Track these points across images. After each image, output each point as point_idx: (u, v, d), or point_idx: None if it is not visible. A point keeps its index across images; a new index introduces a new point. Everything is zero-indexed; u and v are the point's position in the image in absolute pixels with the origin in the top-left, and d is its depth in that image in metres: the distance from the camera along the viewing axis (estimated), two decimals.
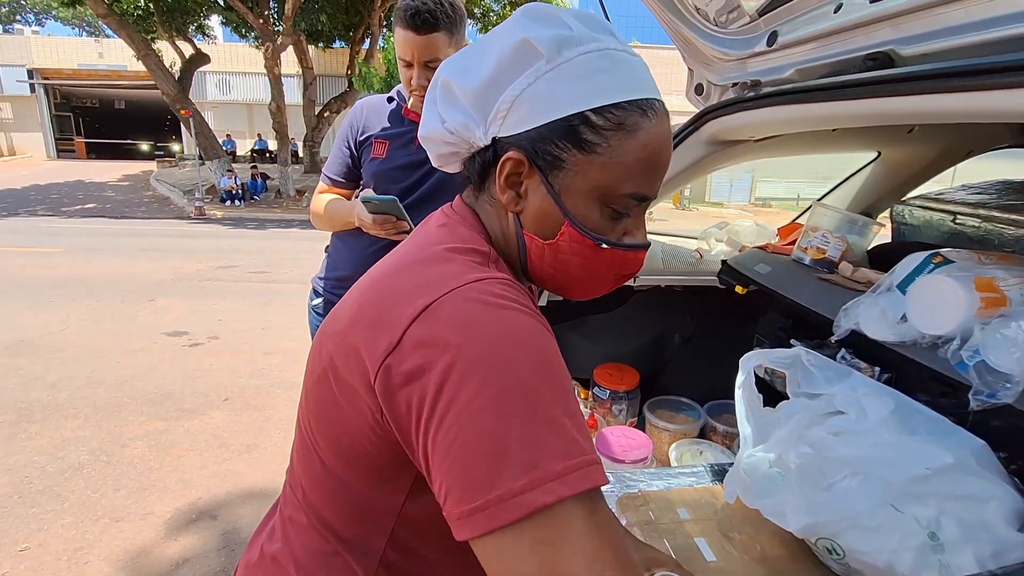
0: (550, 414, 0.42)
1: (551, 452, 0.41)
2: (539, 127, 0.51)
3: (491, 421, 0.41)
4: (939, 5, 0.75)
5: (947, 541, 0.78)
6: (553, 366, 0.45)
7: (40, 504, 2.32)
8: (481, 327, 0.44)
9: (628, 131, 0.51)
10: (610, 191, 0.52)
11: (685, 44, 1.32)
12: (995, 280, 0.86)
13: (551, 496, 0.40)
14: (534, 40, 0.50)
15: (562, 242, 0.54)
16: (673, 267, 1.67)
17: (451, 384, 0.43)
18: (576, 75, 0.50)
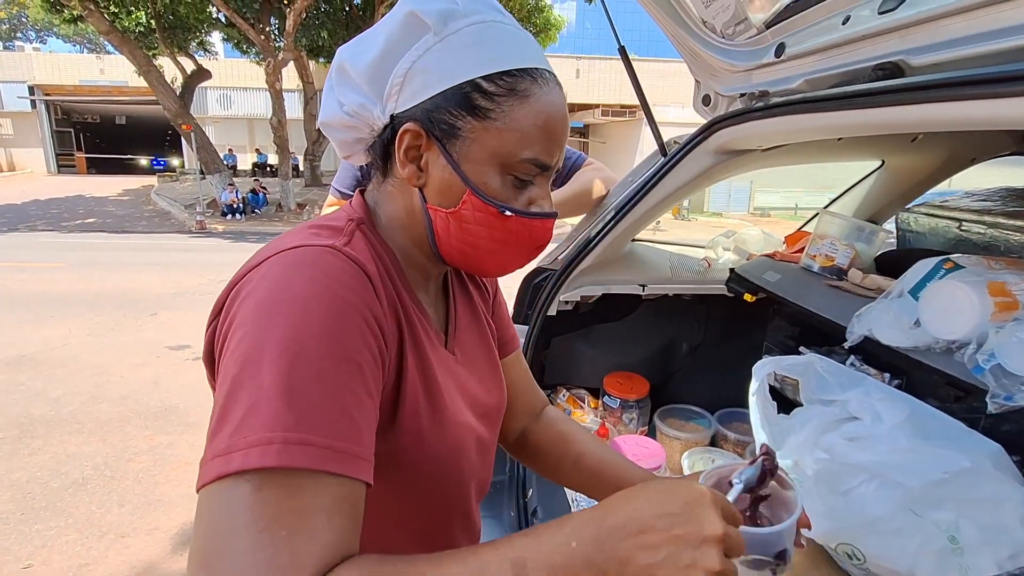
0: (268, 384, 0.40)
1: (251, 424, 0.40)
2: (433, 97, 0.51)
3: (229, 384, 0.42)
4: (947, 16, 0.77)
5: (966, 544, 0.78)
6: (304, 338, 0.42)
7: (44, 520, 2.31)
8: (262, 291, 0.45)
9: (521, 96, 0.51)
10: (509, 157, 0.52)
11: (692, 56, 1.34)
12: (1007, 284, 0.87)
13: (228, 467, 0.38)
14: (420, 13, 0.50)
15: (465, 211, 0.53)
16: (681, 276, 1.68)
17: (227, 344, 0.45)
18: (465, 45, 0.51)
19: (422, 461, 0.55)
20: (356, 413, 0.44)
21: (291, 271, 0.46)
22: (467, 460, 0.61)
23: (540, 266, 1.58)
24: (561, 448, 0.78)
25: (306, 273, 0.46)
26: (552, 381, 1.81)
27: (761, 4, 1.13)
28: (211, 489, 0.39)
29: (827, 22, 0.99)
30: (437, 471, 0.57)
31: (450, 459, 0.58)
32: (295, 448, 0.40)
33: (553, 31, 15.54)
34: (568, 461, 0.77)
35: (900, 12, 0.83)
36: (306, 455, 0.40)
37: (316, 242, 0.49)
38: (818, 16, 1.00)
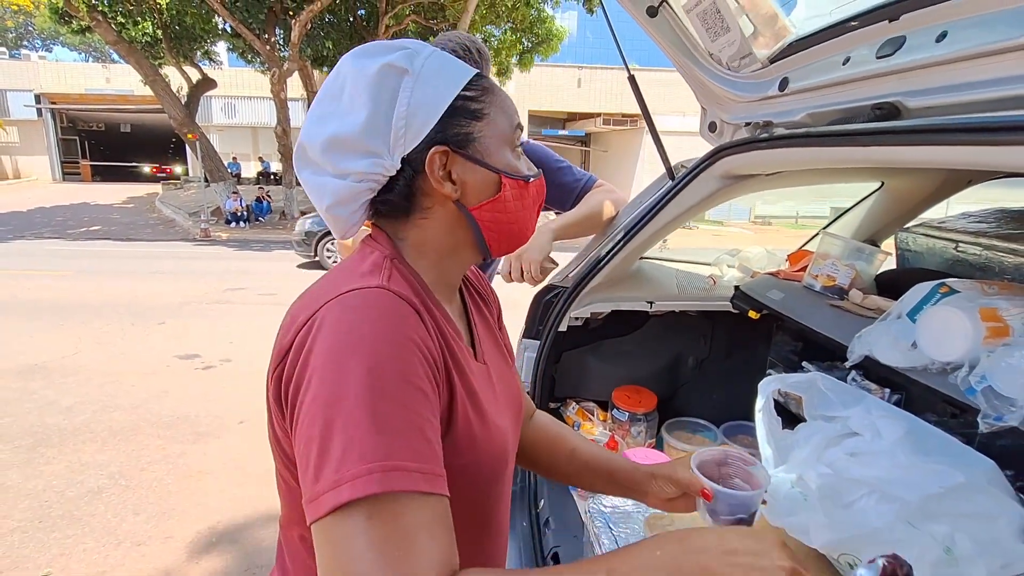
0: (361, 419, 0.46)
1: (353, 457, 0.45)
2: (437, 123, 0.58)
3: (321, 426, 0.47)
4: (939, 65, 0.83)
5: (961, 556, 0.83)
6: (381, 374, 0.48)
7: (61, 528, 2.35)
8: (329, 336, 0.50)
9: (487, 90, 0.62)
10: (507, 135, 0.63)
11: (699, 85, 1.41)
12: (998, 310, 0.93)
13: (342, 497, 0.44)
14: (392, 62, 0.57)
15: (506, 192, 0.62)
16: (687, 293, 1.73)
17: (303, 389, 0.49)
18: (436, 73, 0.59)
19: (475, 468, 0.61)
20: (431, 436, 0.50)
21: (354, 314, 0.51)
22: (509, 462, 0.68)
23: (551, 283, 1.63)
24: (556, 445, 0.87)
25: (368, 315, 0.51)
26: (562, 394, 1.86)
27: (766, 41, 1.20)
28: (327, 521, 0.45)
29: (828, 61, 1.06)
30: (488, 475, 0.64)
31: (497, 463, 0.65)
32: (392, 475, 0.45)
33: (555, 41, 15.67)
34: (563, 456, 0.86)
35: (896, 58, 0.89)
36: (402, 480, 0.45)
37: (366, 284, 0.54)
38: (820, 55, 1.07)
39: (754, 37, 1.22)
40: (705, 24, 1.27)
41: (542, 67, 18.25)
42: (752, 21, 1.21)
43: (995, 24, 0.76)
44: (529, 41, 15.55)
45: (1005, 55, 0.75)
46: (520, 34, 15.33)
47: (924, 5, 0.84)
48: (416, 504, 0.46)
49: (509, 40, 15.41)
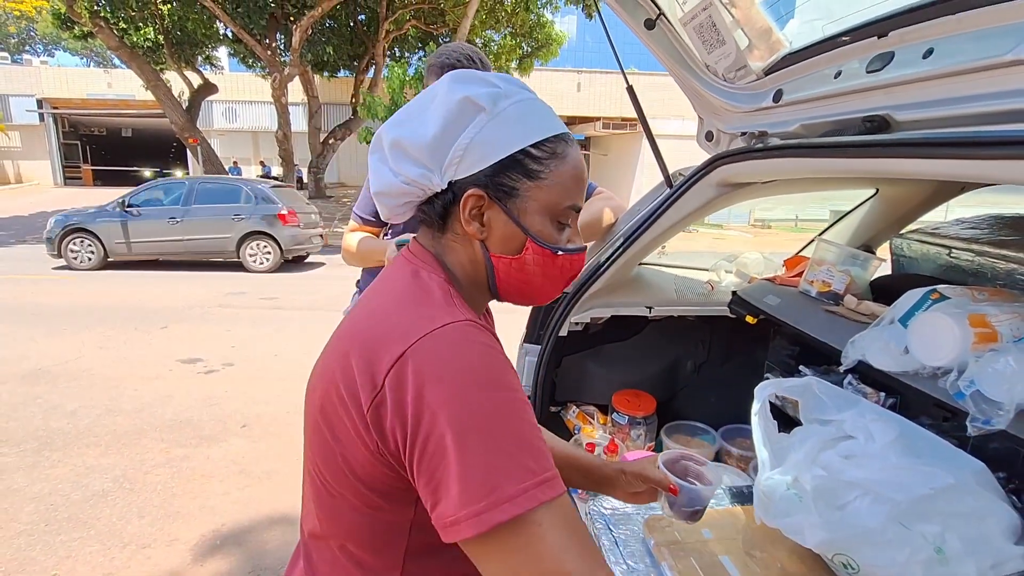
0: (503, 446, 0.51)
1: (505, 479, 0.50)
2: (492, 165, 0.61)
3: (456, 455, 0.51)
4: (925, 80, 0.86)
5: (951, 555, 0.86)
6: (506, 402, 0.53)
7: (67, 531, 2.38)
8: (443, 373, 0.53)
9: (560, 157, 0.63)
10: (556, 206, 0.64)
11: (696, 96, 1.44)
12: (987, 316, 0.96)
13: (505, 515, 0.49)
14: (474, 97, 0.60)
15: (527, 256, 0.64)
16: (686, 298, 1.76)
17: (424, 424, 0.52)
18: (512, 121, 0.61)
19: None
20: (545, 444, 0.55)
21: (459, 348, 0.55)
22: None
23: None
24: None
25: (472, 348, 0.55)
26: (563, 398, 1.89)
27: (760, 54, 1.23)
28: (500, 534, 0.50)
29: (820, 74, 1.09)
30: None
31: None
32: (552, 481, 0.52)
33: (555, 46, 15.76)
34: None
35: (885, 72, 0.92)
36: (553, 486, 0.52)
37: (453, 318, 0.57)
38: (812, 69, 1.10)
39: (749, 50, 1.25)
40: (701, 37, 1.30)
41: (542, 71, 18.34)
42: (747, 34, 1.25)
43: (978, 42, 0.79)
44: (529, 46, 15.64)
45: (988, 72, 0.78)
46: (520, 39, 15.41)
47: (911, 23, 0.88)
48: (563, 504, 0.53)
49: (509, 45, 15.50)
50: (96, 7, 11.79)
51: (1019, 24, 0.74)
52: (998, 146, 0.72)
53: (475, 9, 12.46)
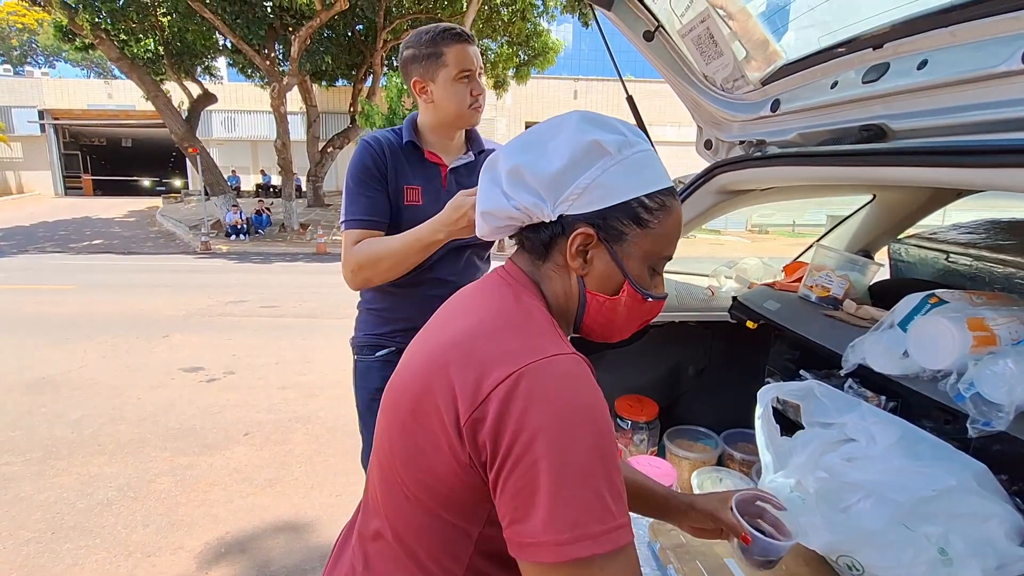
0: (595, 485, 0.53)
1: (591, 517, 0.52)
2: (606, 208, 0.64)
3: (549, 482, 0.53)
4: (920, 91, 0.88)
5: (955, 556, 0.87)
6: (605, 443, 0.55)
7: (73, 539, 2.38)
8: (552, 401, 0.55)
9: (667, 210, 0.66)
10: (656, 256, 0.67)
11: (695, 106, 1.46)
12: (985, 320, 0.98)
13: (585, 551, 0.52)
14: (603, 142, 0.63)
15: (622, 297, 0.67)
16: (687, 303, 1.78)
17: (521, 443, 0.54)
18: (632, 169, 0.64)
19: None
20: (625, 488, 0.57)
21: (569, 381, 0.57)
22: None
23: None
24: None
25: (580, 383, 0.57)
26: None
27: (758, 64, 1.26)
28: (571, 566, 0.52)
29: (817, 84, 1.11)
30: None
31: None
32: (623, 530, 0.54)
33: (551, 54, 15.86)
34: None
35: (881, 83, 0.94)
36: (627, 533, 0.54)
37: (561, 350, 0.59)
38: (809, 79, 1.12)
39: (747, 61, 1.28)
40: (699, 48, 1.33)
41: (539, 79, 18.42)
42: (744, 46, 1.27)
43: (971, 54, 0.81)
44: (526, 54, 15.73)
45: (980, 83, 0.81)
46: (517, 47, 15.51)
47: (905, 35, 0.90)
48: (633, 548, 0.56)
49: (506, 53, 15.59)
50: (97, 19, 11.87)
51: (1010, 37, 0.77)
52: (992, 154, 0.74)
53: (472, 18, 12.55)
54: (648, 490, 0.92)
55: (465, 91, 1.40)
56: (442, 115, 1.44)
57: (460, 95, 1.40)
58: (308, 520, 2.57)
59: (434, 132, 1.48)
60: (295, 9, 12.10)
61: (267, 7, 12.56)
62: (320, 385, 4.22)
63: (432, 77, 1.39)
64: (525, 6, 13.95)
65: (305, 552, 2.34)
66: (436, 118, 1.46)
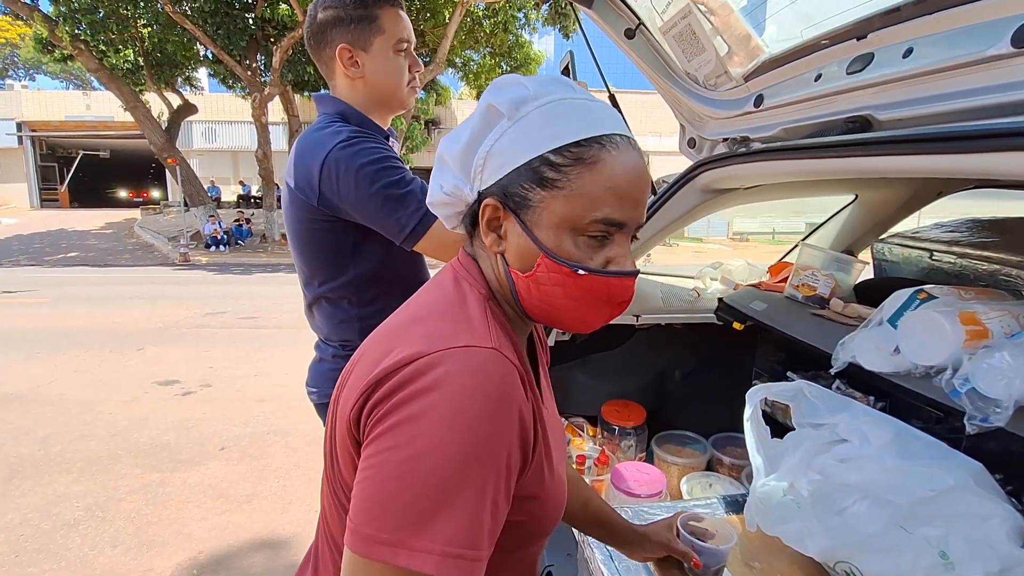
0: (439, 499, 0.47)
1: (421, 528, 0.46)
2: (508, 174, 0.57)
3: (394, 474, 0.48)
4: (906, 79, 0.87)
5: (956, 559, 0.84)
6: (478, 460, 0.48)
7: (37, 563, 2.26)
8: (437, 393, 0.49)
9: (588, 164, 0.54)
10: (578, 220, 0.55)
11: (677, 104, 1.44)
12: (977, 314, 0.95)
13: (391, 558, 0.46)
14: (496, 104, 0.58)
15: (540, 273, 0.57)
16: (672, 306, 1.75)
17: (391, 427, 0.49)
18: (534, 126, 0.56)
19: (537, 521, 0.62)
20: (496, 518, 0.50)
21: (471, 379, 0.50)
22: (562, 508, 0.67)
23: None
24: (574, 491, 0.88)
25: (486, 385, 0.50)
26: None
27: (740, 60, 1.24)
28: (370, 564, 0.47)
29: (801, 78, 1.10)
30: (546, 528, 0.65)
31: (557, 515, 0.65)
32: (451, 562, 0.46)
33: (533, 65, 15.98)
34: (578, 504, 0.90)
35: (866, 73, 0.92)
36: (458, 569, 0.46)
37: (479, 342, 0.53)
38: (792, 73, 1.10)
39: (729, 57, 1.26)
40: (681, 45, 1.31)
41: None
42: (726, 41, 1.25)
43: (957, 40, 0.80)
44: (508, 65, 15.83)
45: (967, 69, 0.79)
46: (499, 58, 15.60)
47: (890, 24, 0.88)
48: None
49: (488, 64, 15.68)
50: (77, 31, 11.70)
51: (996, 21, 0.75)
52: (979, 140, 0.72)
53: (455, 30, 12.60)
54: (611, 521, 0.93)
55: (404, 66, 1.18)
56: (375, 94, 1.18)
57: (399, 70, 1.17)
58: (286, 537, 2.48)
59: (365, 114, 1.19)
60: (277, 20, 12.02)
61: (249, 18, 12.48)
62: (299, 397, 4.07)
63: (364, 46, 1.14)
64: (507, 18, 14.04)
65: (283, 570, 2.25)
66: (367, 97, 1.18)
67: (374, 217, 1.09)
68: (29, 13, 11.29)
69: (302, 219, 1.17)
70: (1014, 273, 1.32)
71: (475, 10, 13.55)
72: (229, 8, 12.08)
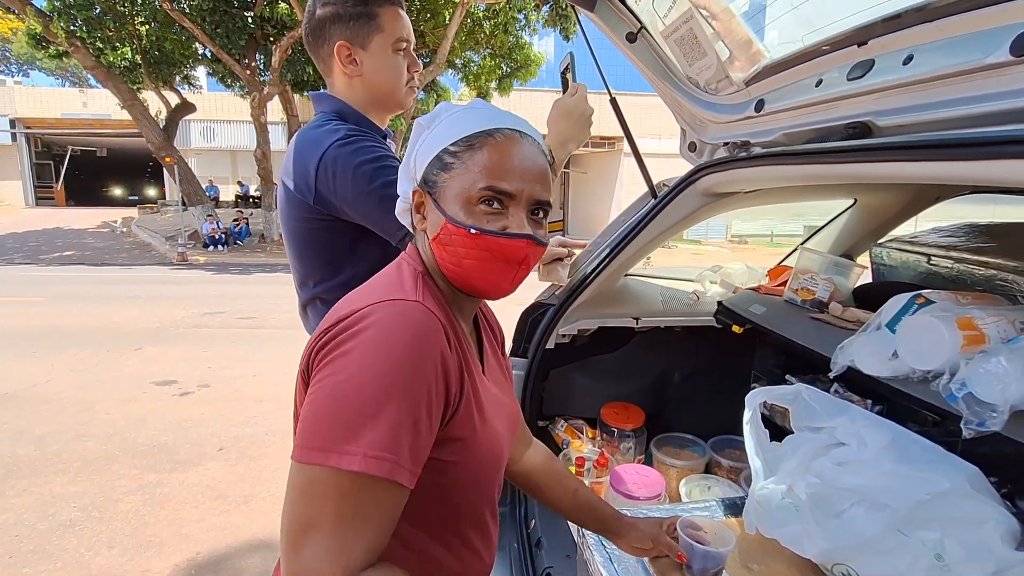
0: (366, 410, 0.56)
1: (344, 434, 0.56)
2: (425, 168, 0.71)
3: (329, 393, 0.58)
4: (907, 86, 0.87)
5: (952, 561, 0.84)
6: (398, 381, 0.58)
7: (33, 564, 2.25)
8: (366, 332, 0.60)
9: (476, 148, 0.68)
10: (470, 191, 0.67)
11: (678, 108, 1.45)
12: (974, 319, 0.96)
13: (321, 460, 0.55)
14: (421, 121, 0.74)
15: (443, 235, 0.68)
16: (672, 309, 1.76)
17: (331, 360, 0.60)
18: (442, 128, 0.71)
19: (470, 463, 0.71)
20: (417, 438, 0.59)
21: (395, 320, 0.61)
22: (500, 461, 0.77)
23: (538, 301, 1.65)
24: (562, 483, 0.99)
25: (405, 324, 0.61)
26: (550, 412, 1.86)
27: (741, 64, 1.24)
28: (313, 470, 0.56)
29: (801, 83, 1.10)
30: (479, 470, 0.73)
31: (492, 464, 0.75)
32: (372, 462, 0.55)
33: (533, 67, 15.98)
34: (567, 494, 0.98)
35: (866, 80, 0.93)
36: (381, 467, 0.56)
37: (405, 296, 0.64)
38: (793, 78, 1.11)
39: (730, 61, 1.27)
40: (683, 49, 1.32)
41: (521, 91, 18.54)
42: (727, 46, 1.26)
43: (957, 48, 0.80)
44: (508, 67, 15.83)
45: (966, 76, 0.79)
46: (499, 60, 15.60)
47: (891, 31, 0.89)
48: (380, 490, 0.57)
49: (488, 65, 15.68)
50: (72, 27, 11.64)
51: (995, 29, 0.76)
52: (978, 147, 0.73)
53: (455, 31, 12.60)
54: (600, 509, 0.99)
55: (403, 65, 1.18)
56: (373, 93, 1.18)
57: (398, 69, 1.17)
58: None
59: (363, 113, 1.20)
60: (276, 19, 12.01)
61: (248, 17, 12.45)
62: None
63: (363, 43, 1.13)
64: (507, 20, 14.04)
65: None
66: (365, 96, 1.18)
67: (371, 216, 1.09)
68: (22, 7, 11.20)
69: (299, 218, 1.16)
70: (1011, 278, 1.33)
71: (475, 11, 13.56)
72: (228, 6, 12.05)
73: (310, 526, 0.55)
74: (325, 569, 0.54)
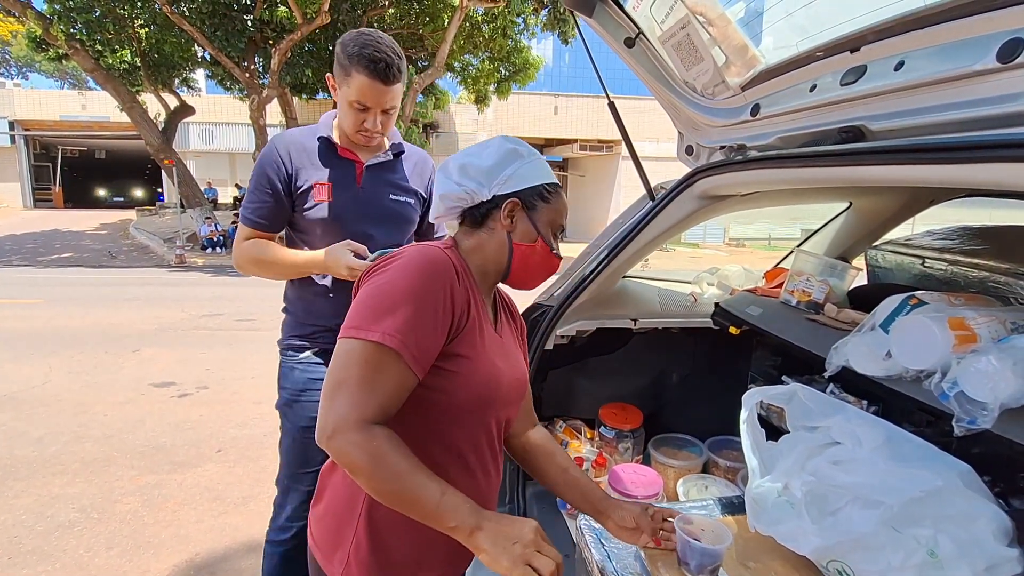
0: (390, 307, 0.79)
1: (371, 319, 0.78)
2: (524, 189, 0.94)
3: (366, 295, 0.82)
4: (899, 91, 0.89)
5: (945, 558, 0.86)
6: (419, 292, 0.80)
7: (31, 565, 2.25)
8: (399, 260, 0.84)
9: (558, 195, 0.98)
10: (554, 223, 0.98)
11: (676, 112, 1.47)
12: (966, 320, 0.98)
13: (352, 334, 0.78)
14: (518, 150, 0.96)
15: (537, 247, 0.96)
16: (670, 310, 1.77)
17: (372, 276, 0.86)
18: (536, 167, 0.96)
19: (470, 380, 0.89)
20: (424, 336, 0.80)
21: (419, 254, 0.86)
22: (497, 389, 0.93)
23: (537, 302, 1.66)
24: (553, 459, 1.11)
25: (426, 258, 0.85)
26: (549, 413, 1.87)
27: (737, 69, 1.26)
28: (347, 342, 0.79)
29: (796, 88, 1.12)
30: (477, 390, 0.90)
31: (487, 386, 0.91)
32: (388, 338, 0.77)
33: (532, 70, 16.05)
34: (559, 470, 1.10)
35: (859, 85, 0.95)
36: (393, 341, 0.77)
37: (437, 247, 0.89)
38: (788, 83, 1.13)
39: (726, 66, 1.28)
40: (680, 54, 1.33)
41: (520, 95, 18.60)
42: (724, 51, 1.28)
43: (946, 54, 0.82)
44: (507, 70, 15.89)
45: (955, 82, 0.81)
46: (498, 63, 15.66)
47: (882, 38, 0.91)
48: (398, 367, 0.78)
49: (487, 69, 15.73)
50: (72, 30, 11.67)
51: (983, 36, 0.78)
52: (967, 151, 0.75)
53: (454, 34, 12.66)
54: (587, 487, 1.08)
55: (356, 119, 1.40)
56: (338, 119, 1.48)
57: (350, 118, 1.41)
58: None
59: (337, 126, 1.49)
60: (276, 22, 12.05)
61: (247, 20, 12.49)
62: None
63: (338, 84, 1.40)
64: (506, 23, 14.10)
65: None
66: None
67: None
68: (22, 10, 11.22)
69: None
70: (1003, 280, 1.35)
71: (474, 15, 13.61)
72: (227, 9, 12.10)
73: (341, 383, 0.77)
74: (348, 414, 0.75)
